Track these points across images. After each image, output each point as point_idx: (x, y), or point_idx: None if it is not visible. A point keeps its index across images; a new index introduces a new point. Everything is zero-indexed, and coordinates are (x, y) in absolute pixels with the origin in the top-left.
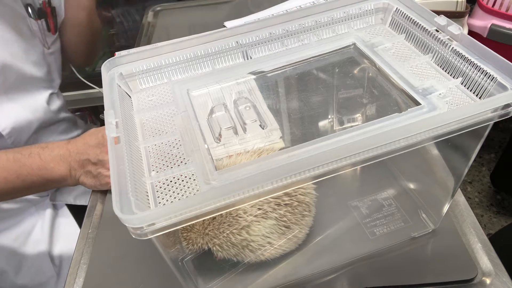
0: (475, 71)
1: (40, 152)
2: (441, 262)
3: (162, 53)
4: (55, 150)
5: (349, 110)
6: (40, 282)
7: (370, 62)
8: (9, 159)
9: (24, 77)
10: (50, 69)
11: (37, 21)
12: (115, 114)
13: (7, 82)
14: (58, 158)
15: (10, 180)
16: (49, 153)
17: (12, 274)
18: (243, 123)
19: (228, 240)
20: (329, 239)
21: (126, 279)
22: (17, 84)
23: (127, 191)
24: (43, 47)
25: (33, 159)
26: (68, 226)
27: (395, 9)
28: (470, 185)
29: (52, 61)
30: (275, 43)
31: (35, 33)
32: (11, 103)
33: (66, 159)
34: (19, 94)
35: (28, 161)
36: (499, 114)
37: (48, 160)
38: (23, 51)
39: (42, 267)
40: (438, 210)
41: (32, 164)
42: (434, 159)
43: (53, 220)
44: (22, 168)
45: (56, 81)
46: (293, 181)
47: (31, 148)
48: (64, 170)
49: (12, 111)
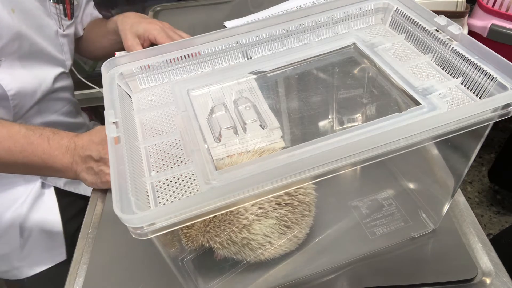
0: (475, 71)
1: (50, 136)
2: (441, 262)
3: (162, 53)
4: (64, 139)
5: (349, 110)
6: (4, 252)
7: (370, 62)
8: (20, 132)
9: (37, 49)
10: (63, 49)
11: (55, 4)
12: (115, 114)
13: (21, 50)
14: (65, 148)
15: (13, 152)
16: (58, 140)
17: None
18: (243, 123)
19: (228, 238)
20: (329, 239)
21: (126, 279)
22: (31, 55)
23: (127, 191)
24: (58, 27)
25: (42, 141)
26: (49, 209)
27: (395, 9)
28: (470, 185)
29: (65, 42)
30: (275, 43)
31: (52, 15)
32: (23, 69)
33: (72, 151)
34: (32, 63)
35: (37, 141)
36: (499, 114)
37: (54, 147)
38: (38, 26)
39: (9, 237)
40: (438, 210)
41: (39, 145)
42: (434, 159)
43: (37, 198)
44: (29, 145)
45: (68, 62)
46: (293, 181)
47: (44, 129)
48: (67, 162)
49: (21, 76)
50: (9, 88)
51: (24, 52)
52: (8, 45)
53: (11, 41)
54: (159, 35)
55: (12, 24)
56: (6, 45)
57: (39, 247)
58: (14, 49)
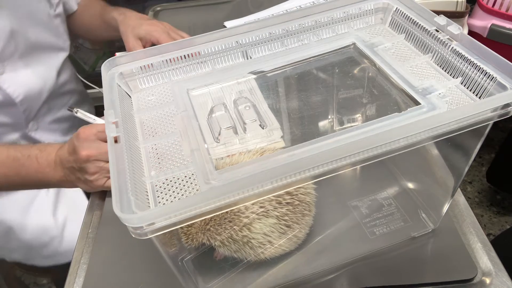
0: (475, 71)
1: (38, 154)
2: (441, 262)
3: (162, 53)
4: (51, 155)
5: (349, 110)
6: (44, 242)
7: (370, 62)
8: (9, 157)
9: (35, 41)
10: (58, 32)
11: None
12: (115, 114)
13: (19, 48)
14: (53, 164)
15: (10, 176)
16: (45, 158)
17: (19, 231)
18: (243, 122)
19: (229, 236)
20: (329, 238)
21: (126, 279)
22: (29, 50)
23: (127, 190)
24: (49, 9)
25: (31, 161)
26: (74, 192)
27: (395, 9)
28: (470, 185)
29: (59, 23)
30: (275, 43)
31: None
32: (26, 69)
33: (60, 165)
34: (33, 59)
35: (27, 163)
36: (499, 114)
37: (44, 165)
38: (30, 14)
39: (45, 227)
40: (438, 210)
41: (30, 166)
42: (434, 159)
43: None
44: (22, 168)
45: (66, 43)
46: (293, 181)
47: (30, 149)
48: (59, 176)
49: (25, 78)
50: (16, 95)
51: (23, 49)
52: (6, 48)
53: (7, 42)
54: (161, 36)
55: (4, 24)
56: (4, 48)
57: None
58: (12, 50)
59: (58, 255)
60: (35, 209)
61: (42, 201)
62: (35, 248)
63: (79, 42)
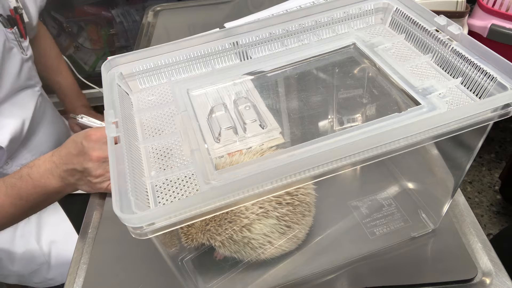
0: (475, 71)
1: (29, 172)
2: (441, 262)
3: (162, 53)
4: (41, 167)
5: (349, 110)
6: (33, 270)
7: (370, 62)
8: (7, 187)
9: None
10: (31, 75)
11: (11, 29)
12: (115, 114)
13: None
14: (47, 173)
15: (16, 203)
16: (37, 171)
17: (7, 262)
18: (243, 123)
19: (229, 237)
20: (329, 239)
21: (126, 279)
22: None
23: (127, 191)
24: (21, 54)
25: (25, 181)
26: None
27: (395, 9)
28: (470, 185)
29: (31, 66)
30: (275, 43)
31: (11, 42)
32: (4, 118)
33: (55, 171)
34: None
35: (23, 184)
36: (499, 114)
37: (38, 178)
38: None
39: (32, 256)
40: (438, 210)
41: (26, 185)
42: (434, 159)
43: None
44: (21, 190)
45: (38, 84)
46: (293, 181)
47: (20, 171)
48: (57, 183)
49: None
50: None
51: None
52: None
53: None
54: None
55: None
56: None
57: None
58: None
59: (48, 280)
60: (19, 237)
61: (24, 229)
62: (26, 276)
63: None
